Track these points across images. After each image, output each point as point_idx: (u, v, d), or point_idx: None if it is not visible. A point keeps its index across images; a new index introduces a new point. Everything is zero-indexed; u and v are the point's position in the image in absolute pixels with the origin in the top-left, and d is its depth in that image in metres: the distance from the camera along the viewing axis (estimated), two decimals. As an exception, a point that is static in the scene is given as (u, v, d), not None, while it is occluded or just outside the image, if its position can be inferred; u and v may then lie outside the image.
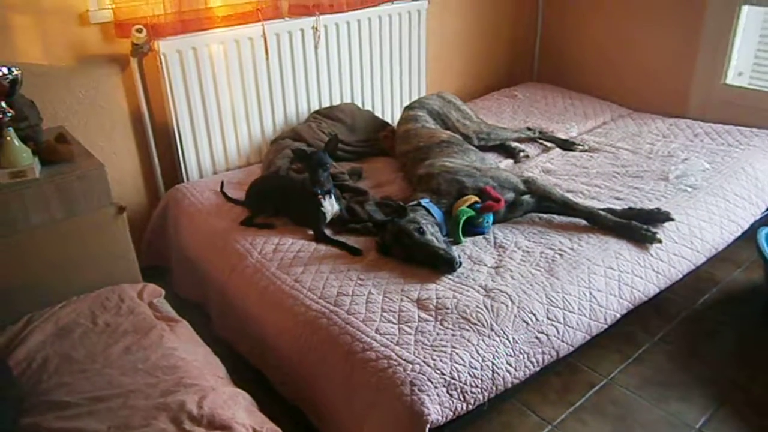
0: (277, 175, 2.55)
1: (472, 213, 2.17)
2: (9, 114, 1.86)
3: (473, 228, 2.21)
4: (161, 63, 2.49)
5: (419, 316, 1.80)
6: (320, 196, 2.24)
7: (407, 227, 2.04)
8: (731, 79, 3.26)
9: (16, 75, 1.85)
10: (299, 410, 1.91)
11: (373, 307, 1.85)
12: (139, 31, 2.36)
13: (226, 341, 2.22)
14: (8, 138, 1.87)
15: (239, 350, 2.17)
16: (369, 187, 2.58)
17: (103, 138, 2.57)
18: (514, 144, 2.91)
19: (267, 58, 2.77)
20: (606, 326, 2.00)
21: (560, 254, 2.08)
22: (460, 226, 2.15)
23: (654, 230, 2.18)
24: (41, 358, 1.74)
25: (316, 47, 2.91)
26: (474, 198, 2.20)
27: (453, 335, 1.72)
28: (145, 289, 2.07)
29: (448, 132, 2.73)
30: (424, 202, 2.19)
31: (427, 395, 1.56)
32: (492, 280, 1.96)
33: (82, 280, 2.02)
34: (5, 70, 1.83)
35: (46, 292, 1.95)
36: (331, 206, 2.27)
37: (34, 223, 1.91)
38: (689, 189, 2.48)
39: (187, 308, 2.38)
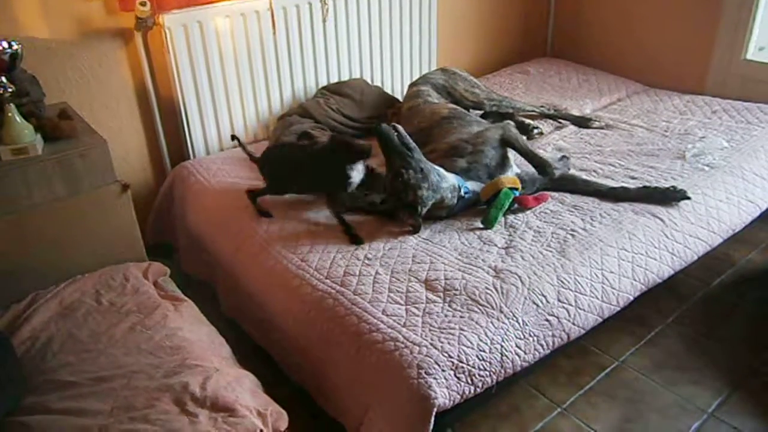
0: (291, 143, 2.48)
1: (511, 196, 2.11)
2: (10, 89, 1.82)
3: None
4: (166, 37, 2.44)
5: (427, 297, 1.77)
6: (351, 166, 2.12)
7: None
8: (752, 54, 3.15)
9: (16, 49, 1.81)
10: (305, 391, 1.90)
11: (380, 287, 1.82)
12: (143, 4, 2.30)
13: (233, 320, 2.21)
14: (9, 114, 1.83)
15: (246, 329, 2.15)
16: (377, 165, 2.52)
17: (108, 114, 2.53)
18: (528, 121, 2.84)
19: (274, 33, 2.71)
20: (618, 309, 1.95)
21: (572, 234, 2.03)
22: (505, 208, 2.10)
23: (680, 188, 2.20)
24: (45, 337, 1.73)
25: (324, 21, 2.84)
26: (518, 182, 2.15)
27: (461, 317, 1.69)
28: (150, 267, 2.05)
29: (450, 106, 2.66)
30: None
31: (434, 378, 1.53)
32: (502, 261, 1.91)
33: (87, 258, 2.00)
34: (5, 44, 1.79)
35: (50, 271, 1.93)
36: (358, 173, 2.16)
37: (36, 200, 1.88)
38: (706, 168, 2.41)
39: (195, 286, 2.38)
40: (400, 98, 3.08)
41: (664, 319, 2.36)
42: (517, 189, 2.14)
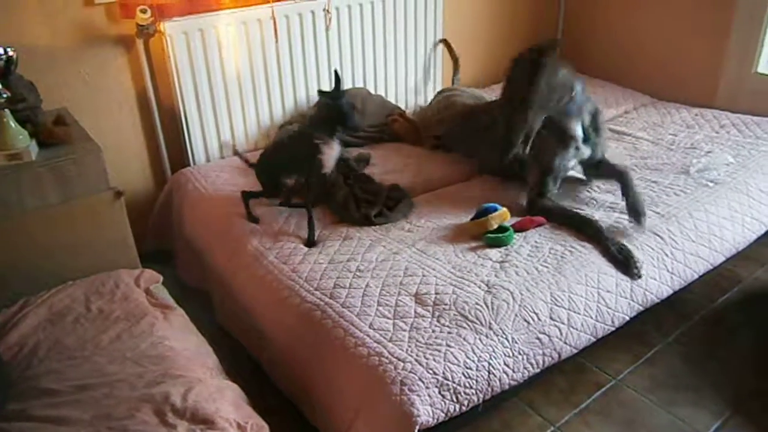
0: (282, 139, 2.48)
1: (513, 238, 2.06)
2: (5, 95, 1.82)
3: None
4: (167, 45, 2.45)
5: (416, 312, 1.74)
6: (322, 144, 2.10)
7: None
8: (763, 67, 3.09)
9: (11, 55, 1.82)
10: (294, 403, 1.88)
11: (369, 300, 1.79)
12: (144, 11, 2.31)
13: (227, 329, 2.20)
14: (4, 120, 1.83)
15: (238, 339, 2.14)
16: (378, 174, 2.51)
17: (109, 120, 2.54)
18: None
19: (276, 41, 2.71)
20: (613, 329, 1.91)
21: (570, 251, 1.99)
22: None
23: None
24: (32, 343, 1.73)
25: (327, 30, 2.84)
26: (507, 215, 2.10)
27: (449, 333, 1.66)
28: (143, 275, 2.04)
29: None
30: None
31: (418, 395, 1.50)
32: (495, 276, 1.88)
33: (79, 264, 1.99)
34: (0, 50, 1.80)
35: (42, 276, 1.93)
36: (331, 150, 2.12)
37: (29, 206, 1.88)
38: (711, 184, 2.36)
39: (191, 293, 2.37)
40: (403, 107, 3.07)
41: (664, 337, 2.31)
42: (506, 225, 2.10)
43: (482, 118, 2.54)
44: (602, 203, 2.27)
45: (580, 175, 2.35)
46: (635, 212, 2.11)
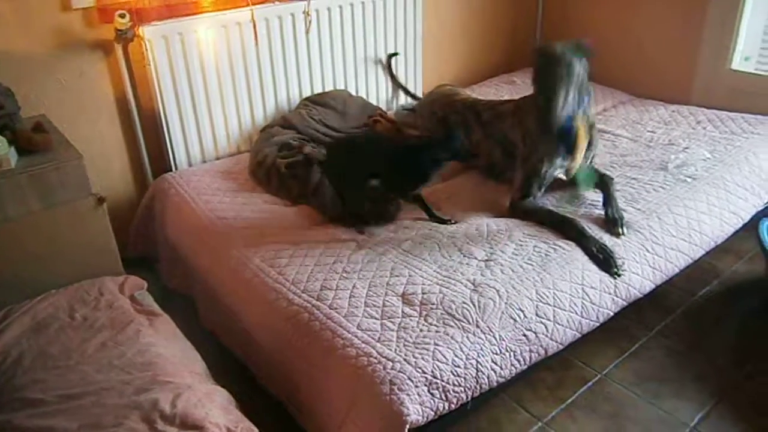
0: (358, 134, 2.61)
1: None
2: (-18, 103, 1.81)
3: None
4: (146, 49, 2.43)
5: (403, 312, 1.75)
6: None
7: None
8: (737, 64, 3.15)
9: (-12, 62, 1.79)
10: (283, 405, 1.87)
11: (356, 301, 1.80)
12: (122, 16, 2.29)
13: (213, 334, 2.19)
14: (-18, 127, 1.82)
15: (225, 343, 2.13)
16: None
17: (89, 126, 2.51)
18: None
19: (256, 44, 2.70)
20: (598, 324, 1.94)
21: (554, 248, 2.01)
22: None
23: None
24: (16, 352, 1.71)
25: (307, 32, 2.83)
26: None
27: (437, 332, 1.67)
28: (127, 281, 2.03)
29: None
30: None
31: (407, 394, 1.51)
32: (481, 274, 1.90)
33: (62, 272, 1.98)
34: (-23, 57, 1.77)
35: (24, 285, 1.91)
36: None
37: (10, 214, 1.86)
38: (689, 179, 2.40)
39: (176, 299, 2.36)
40: (384, 108, 3.08)
41: (648, 330, 2.34)
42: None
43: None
44: (584, 201, 2.30)
45: (563, 176, 2.37)
46: (612, 223, 2.14)
